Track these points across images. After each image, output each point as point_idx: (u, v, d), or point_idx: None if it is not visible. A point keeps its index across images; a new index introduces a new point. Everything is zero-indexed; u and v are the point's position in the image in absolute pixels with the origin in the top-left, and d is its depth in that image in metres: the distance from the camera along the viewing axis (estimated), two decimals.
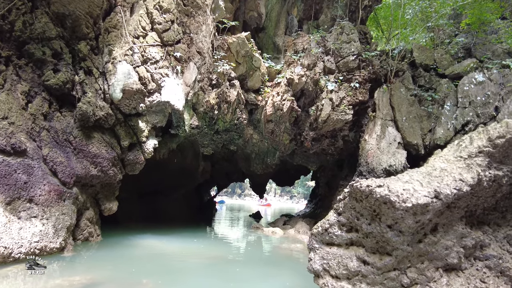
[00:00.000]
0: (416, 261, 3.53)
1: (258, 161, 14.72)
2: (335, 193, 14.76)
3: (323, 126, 12.23)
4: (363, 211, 3.71)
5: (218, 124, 10.90)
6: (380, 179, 3.64)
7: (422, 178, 3.50)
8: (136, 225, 12.76)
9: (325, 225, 4.20)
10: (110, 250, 7.77)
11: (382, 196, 3.35)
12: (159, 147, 12.77)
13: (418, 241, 3.51)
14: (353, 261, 3.75)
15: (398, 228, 3.35)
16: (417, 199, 3.19)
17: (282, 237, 11.77)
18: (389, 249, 3.49)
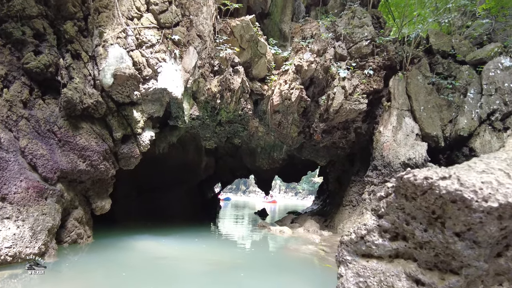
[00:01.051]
0: (492, 282, 2.52)
1: (264, 156, 13.72)
2: (346, 189, 13.75)
3: (334, 117, 11.18)
4: (416, 212, 2.70)
5: (221, 115, 9.90)
6: (443, 169, 2.61)
7: (507, 167, 2.47)
8: (134, 224, 11.84)
9: (360, 231, 3.23)
10: (100, 254, 6.82)
11: (449, 192, 2.34)
12: (158, 141, 11.83)
13: (497, 255, 2.50)
14: (401, 280, 2.76)
15: (472, 237, 2.34)
16: (506, 197, 2.17)
17: (290, 237, 10.78)
18: (455, 266, 2.48)
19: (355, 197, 13.19)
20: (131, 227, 11.37)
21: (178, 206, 14.44)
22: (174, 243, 9.04)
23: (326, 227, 13.71)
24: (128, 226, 11.35)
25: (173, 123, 9.65)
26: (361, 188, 13.20)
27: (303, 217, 14.83)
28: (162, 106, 8.86)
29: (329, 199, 17.10)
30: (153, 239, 9.24)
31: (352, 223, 11.87)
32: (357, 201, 13.11)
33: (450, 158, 11.35)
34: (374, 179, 11.36)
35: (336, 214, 13.81)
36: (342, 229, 12.13)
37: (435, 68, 12.42)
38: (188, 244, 9.04)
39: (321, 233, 11.68)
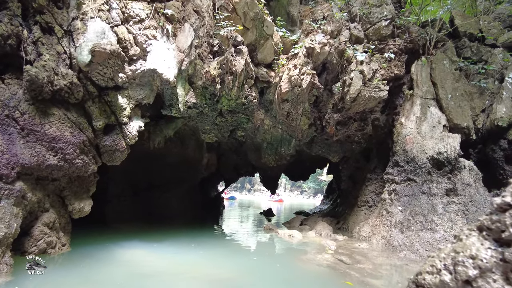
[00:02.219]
0: None
1: (270, 152, 12.32)
2: (361, 188, 12.30)
3: (351, 106, 9.73)
4: None
5: (222, 103, 8.51)
6: None
7: None
8: (127, 227, 10.50)
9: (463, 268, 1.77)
10: (71, 270, 5.47)
11: None
12: (153, 135, 10.49)
13: None
14: None
15: None
16: None
17: (301, 242, 9.37)
18: None
19: (371, 197, 11.75)
20: (123, 231, 10.04)
21: (178, 207, 13.11)
22: (168, 250, 7.68)
23: (339, 229, 12.27)
24: (119, 230, 10.03)
25: (167, 113, 8.29)
26: (378, 187, 11.77)
27: (313, 218, 13.41)
28: (153, 92, 7.50)
29: (340, 198, 15.65)
30: (143, 246, 7.89)
31: (370, 226, 10.44)
32: (373, 201, 11.68)
33: (483, 152, 9.86)
34: (396, 177, 9.90)
35: (350, 216, 12.37)
36: (358, 233, 10.70)
37: (462, 53, 10.93)
38: (183, 252, 7.67)
39: (335, 237, 10.25)
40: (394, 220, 9.26)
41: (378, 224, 9.94)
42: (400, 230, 8.86)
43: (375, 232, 9.87)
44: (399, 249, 8.33)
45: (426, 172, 9.12)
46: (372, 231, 10.09)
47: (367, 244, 9.26)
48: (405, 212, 9.12)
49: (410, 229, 8.56)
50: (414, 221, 8.58)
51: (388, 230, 9.31)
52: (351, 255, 7.64)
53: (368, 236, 10.11)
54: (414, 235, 8.31)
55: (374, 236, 9.78)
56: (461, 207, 8.01)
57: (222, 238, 10.20)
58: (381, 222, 9.81)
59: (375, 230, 9.97)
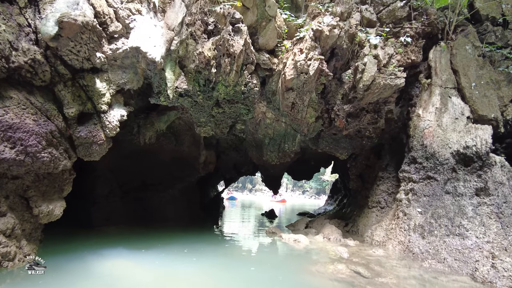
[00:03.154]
0: None
1: (273, 148, 11.19)
2: (372, 188, 11.17)
3: (364, 96, 8.59)
4: None
5: (218, 90, 7.38)
6: None
7: None
8: (115, 231, 9.42)
9: None
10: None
11: None
12: (143, 129, 9.38)
13: None
14: None
15: None
16: None
17: (308, 249, 8.24)
18: None
19: (383, 197, 10.61)
20: (110, 234, 8.94)
21: (173, 208, 11.99)
22: (155, 259, 6.57)
23: (347, 232, 11.15)
24: (105, 234, 8.93)
25: (155, 101, 7.18)
26: (391, 186, 10.63)
27: (319, 220, 12.27)
28: (137, 76, 6.39)
29: (348, 199, 14.51)
30: (128, 254, 6.78)
31: (384, 229, 9.30)
32: (386, 202, 10.54)
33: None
34: (413, 175, 8.76)
35: (360, 218, 11.23)
36: (370, 237, 9.56)
37: (485, 38, 9.77)
38: (173, 260, 6.56)
39: (346, 242, 9.11)
40: (413, 224, 8.11)
41: (393, 228, 8.81)
42: (421, 235, 7.71)
43: (391, 237, 8.73)
44: (421, 257, 7.18)
45: (450, 169, 7.97)
46: (387, 235, 8.95)
47: (383, 250, 8.12)
48: (425, 214, 7.97)
49: (433, 234, 7.41)
50: (438, 224, 7.43)
51: (406, 234, 8.17)
52: (367, 265, 6.50)
53: (383, 241, 8.97)
54: (439, 241, 7.16)
55: (390, 241, 8.64)
56: (494, 209, 6.85)
57: (219, 242, 9.07)
58: (397, 226, 8.68)
59: (390, 234, 8.83)
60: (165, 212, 11.54)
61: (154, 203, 11.45)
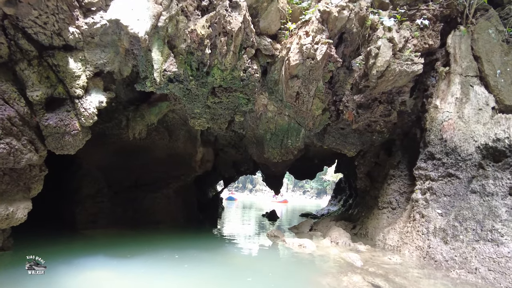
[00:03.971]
0: None
1: (275, 144, 10.25)
2: (382, 187, 10.23)
3: (377, 84, 7.66)
4: None
5: (213, 75, 6.43)
6: None
7: None
8: (101, 234, 8.47)
9: None
10: None
11: None
12: (132, 122, 8.44)
13: None
14: None
15: None
16: None
17: (316, 255, 7.28)
18: None
19: (395, 197, 9.67)
20: (95, 239, 8.00)
21: (167, 209, 11.04)
22: (141, 266, 5.65)
23: (355, 235, 10.20)
24: (90, 238, 8.00)
25: (141, 88, 6.24)
26: (403, 185, 9.70)
27: (324, 222, 11.32)
28: (118, 56, 5.46)
29: (354, 199, 13.56)
30: (109, 262, 5.85)
31: (397, 233, 8.36)
32: (398, 203, 9.60)
33: None
34: (431, 172, 7.82)
35: (369, 220, 10.28)
36: (382, 241, 8.63)
37: (507, 23, 8.82)
38: (161, 269, 5.63)
39: (356, 247, 8.17)
40: (432, 227, 7.16)
41: (409, 231, 7.86)
42: (443, 240, 6.76)
43: (406, 241, 7.79)
44: (446, 265, 6.23)
45: (474, 166, 7.03)
46: (402, 239, 8.01)
47: (399, 256, 7.17)
48: (447, 216, 7.02)
49: (458, 239, 6.46)
50: (463, 228, 6.48)
51: (425, 239, 7.23)
52: (386, 275, 5.55)
53: (397, 246, 8.03)
54: (466, 247, 6.21)
55: (406, 246, 7.69)
56: None
57: (215, 247, 8.11)
58: (414, 229, 7.73)
59: (405, 238, 7.89)
60: (158, 213, 10.60)
61: (147, 204, 10.50)
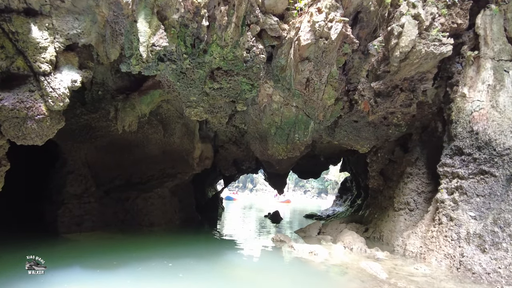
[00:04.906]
0: None
1: (281, 139, 9.22)
2: (397, 186, 9.23)
3: (399, 68, 6.64)
4: None
5: (212, 53, 5.41)
6: None
7: None
8: (86, 239, 7.46)
9: None
10: None
11: None
12: (122, 113, 7.44)
13: None
14: None
15: None
16: None
17: (330, 264, 6.26)
18: None
19: (413, 198, 8.68)
20: (78, 244, 6.99)
21: (162, 210, 10.01)
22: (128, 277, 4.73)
23: (368, 239, 9.16)
24: (72, 243, 6.99)
25: (126, 68, 5.21)
26: (421, 184, 8.72)
27: (334, 224, 10.30)
28: (96, 25, 4.44)
29: (364, 199, 12.53)
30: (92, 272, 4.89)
31: (420, 237, 7.36)
32: (416, 203, 8.62)
33: None
34: (459, 169, 6.82)
35: (383, 222, 9.27)
36: (402, 247, 7.62)
37: None
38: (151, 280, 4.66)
39: (374, 253, 7.15)
40: (465, 232, 6.15)
41: (435, 236, 6.84)
42: (479, 248, 5.74)
43: (432, 248, 6.77)
44: (489, 279, 5.21)
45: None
46: (426, 245, 6.99)
47: (425, 266, 6.15)
48: (483, 220, 6.01)
49: (501, 247, 5.44)
50: (507, 235, 5.46)
51: (456, 245, 6.21)
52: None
53: (420, 253, 7.01)
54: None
55: (431, 253, 6.68)
56: None
57: (215, 254, 7.08)
58: (440, 233, 6.71)
59: (430, 244, 6.87)
60: (152, 215, 9.57)
61: (139, 205, 9.47)
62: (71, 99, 7.30)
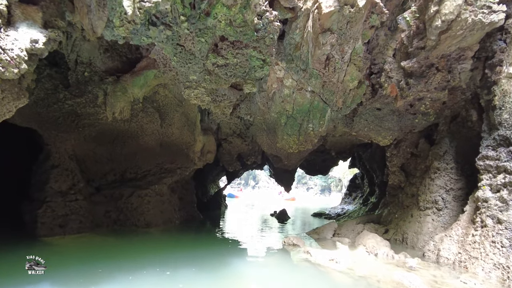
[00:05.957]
0: None
1: (292, 130, 8.13)
2: (422, 183, 8.16)
3: (439, 42, 5.51)
4: None
5: (215, 15, 4.29)
6: None
7: None
8: (71, 242, 6.40)
9: None
10: None
11: None
12: (112, 98, 6.37)
13: None
14: None
15: None
16: None
17: (355, 276, 5.17)
18: None
19: (441, 195, 7.60)
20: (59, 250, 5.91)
21: (159, 209, 8.93)
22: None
23: (388, 241, 8.04)
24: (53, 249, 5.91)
25: (110, 35, 4.11)
26: (450, 180, 7.66)
27: (349, 225, 9.19)
28: None
29: (379, 197, 11.43)
30: None
31: (455, 242, 6.26)
32: (445, 202, 7.55)
33: None
34: (506, 163, 5.73)
35: (406, 223, 8.18)
36: (434, 252, 6.54)
37: None
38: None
39: (403, 260, 6.07)
40: None
41: (477, 241, 5.74)
42: None
43: (475, 255, 5.67)
44: None
45: None
46: (467, 251, 5.89)
47: (471, 277, 5.05)
48: None
49: None
50: None
51: (508, 254, 5.12)
52: None
53: (460, 261, 5.91)
54: None
55: (476, 262, 5.58)
56: None
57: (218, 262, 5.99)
58: (485, 238, 5.61)
59: (473, 251, 5.77)
60: (148, 214, 8.49)
61: (135, 203, 8.39)
62: (52, 80, 6.22)
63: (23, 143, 8.82)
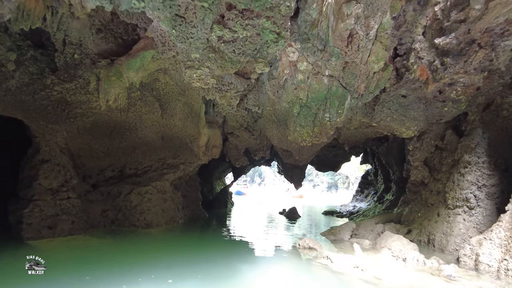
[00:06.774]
0: None
1: (306, 121, 7.30)
2: (450, 178, 7.31)
3: (485, 12, 4.64)
4: None
5: None
6: None
7: None
8: (61, 246, 5.68)
9: None
10: None
11: None
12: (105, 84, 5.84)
13: None
14: None
15: None
16: None
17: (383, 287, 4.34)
18: None
19: (473, 193, 6.76)
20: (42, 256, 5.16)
21: (161, 206, 8.18)
22: None
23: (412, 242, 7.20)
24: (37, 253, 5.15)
25: (93, 2, 3.32)
26: (481, 176, 6.80)
27: (367, 225, 8.35)
28: None
29: (397, 194, 10.56)
30: None
31: (497, 246, 5.39)
32: (477, 200, 6.72)
33: None
34: None
35: (433, 222, 7.34)
36: (471, 257, 5.69)
37: None
38: None
39: (435, 266, 5.25)
40: None
41: None
42: None
43: None
44: None
45: None
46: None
47: None
48: None
49: None
50: None
51: None
52: None
53: (507, 269, 5.06)
54: None
55: None
56: None
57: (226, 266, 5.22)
58: None
59: None
60: (149, 213, 7.74)
61: (134, 201, 7.64)
62: (38, 63, 5.46)
63: (13, 136, 8.12)
